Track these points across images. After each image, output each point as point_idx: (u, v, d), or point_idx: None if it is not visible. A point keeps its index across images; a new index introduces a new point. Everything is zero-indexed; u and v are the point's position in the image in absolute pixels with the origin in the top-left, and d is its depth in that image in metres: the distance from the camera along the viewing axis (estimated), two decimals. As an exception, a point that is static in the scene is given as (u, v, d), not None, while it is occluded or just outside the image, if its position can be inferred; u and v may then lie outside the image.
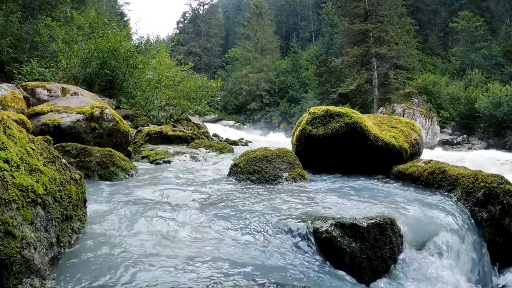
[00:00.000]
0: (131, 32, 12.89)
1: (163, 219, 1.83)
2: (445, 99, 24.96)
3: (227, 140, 9.21)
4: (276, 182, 2.78)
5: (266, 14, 43.27)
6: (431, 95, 24.56)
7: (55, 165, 1.52)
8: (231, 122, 33.68)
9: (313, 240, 1.64)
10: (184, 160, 4.09)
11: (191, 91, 10.02)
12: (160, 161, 4.01)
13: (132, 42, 11.39)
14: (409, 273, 1.65)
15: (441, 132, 22.98)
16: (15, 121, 2.80)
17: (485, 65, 28.70)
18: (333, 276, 1.43)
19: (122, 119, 4.15)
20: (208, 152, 4.96)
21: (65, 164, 1.62)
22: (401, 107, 22.39)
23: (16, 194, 1.16)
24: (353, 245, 1.63)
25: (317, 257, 1.57)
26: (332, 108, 3.42)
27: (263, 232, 1.68)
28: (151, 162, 4.06)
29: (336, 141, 3.27)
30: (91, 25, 10.27)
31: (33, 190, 1.25)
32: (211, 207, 2.05)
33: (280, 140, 15.50)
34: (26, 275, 1.07)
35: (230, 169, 3.05)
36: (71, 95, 5.30)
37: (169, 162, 4.00)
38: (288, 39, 47.23)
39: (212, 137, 8.79)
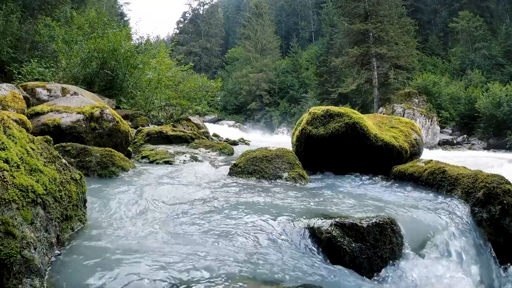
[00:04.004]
0: (131, 32, 12.89)
1: (162, 219, 1.83)
2: (445, 99, 24.99)
3: (227, 140, 9.21)
4: (276, 182, 2.78)
5: (266, 14, 43.30)
6: (431, 95, 24.58)
7: (55, 165, 1.52)
8: (231, 122, 33.69)
9: (313, 240, 1.64)
10: (184, 160, 4.09)
11: (191, 91, 10.01)
12: (160, 161, 4.01)
13: (132, 42, 11.39)
14: (409, 273, 1.65)
15: (441, 132, 23.00)
16: (15, 121, 2.80)
17: (485, 65, 28.73)
18: (334, 275, 1.43)
19: (122, 119, 4.15)
20: (208, 152, 4.96)
21: (65, 164, 1.62)
22: (401, 107, 22.41)
23: (16, 194, 1.16)
24: (353, 245, 1.63)
25: (317, 256, 1.57)
26: (332, 108, 3.42)
27: (263, 232, 1.68)
28: (151, 162, 4.05)
29: (336, 141, 3.27)
30: (91, 25, 10.26)
31: (33, 190, 1.25)
32: (211, 206, 2.05)
33: (280, 140, 15.50)
34: (26, 275, 1.07)
35: (230, 169, 3.05)
36: (71, 95, 5.30)
37: (169, 162, 4.00)
38: (288, 39, 47.27)
39: (212, 137, 8.79)
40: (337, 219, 1.70)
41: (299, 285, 1.24)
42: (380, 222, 1.72)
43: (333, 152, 3.36)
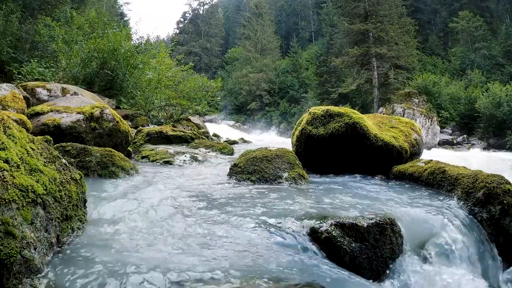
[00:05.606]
0: (131, 32, 12.90)
1: (162, 219, 1.83)
2: (445, 99, 24.98)
3: (227, 140, 9.21)
4: (276, 182, 2.78)
5: (266, 14, 43.29)
6: (431, 95, 24.58)
7: (55, 165, 1.52)
8: (231, 122, 33.67)
9: (313, 240, 1.64)
10: (184, 160, 4.09)
11: (191, 91, 10.02)
12: (160, 161, 4.01)
13: (132, 42, 11.40)
14: (409, 274, 1.65)
15: (441, 132, 22.99)
16: (15, 121, 2.80)
17: (485, 65, 28.72)
18: (333, 275, 1.43)
19: (122, 119, 4.15)
20: (208, 152, 4.96)
21: (65, 164, 1.62)
22: (401, 107, 22.39)
23: (16, 194, 1.16)
24: (353, 245, 1.63)
25: (317, 256, 1.57)
26: (332, 108, 3.42)
27: (263, 232, 1.68)
28: (151, 162, 4.06)
29: (336, 141, 3.27)
30: (91, 25, 10.27)
31: (33, 190, 1.25)
32: (211, 207, 2.05)
33: (280, 140, 15.50)
34: (26, 275, 1.07)
35: (230, 169, 3.05)
36: (71, 95, 5.30)
37: (169, 162, 4.00)
38: (288, 39, 47.28)
39: (212, 137, 8.79)
40: (337, 219, 1.70)
41: (299, 284, 1.24)
42: (380, 222, 1.72)
43: (333, 152, 3.36)
